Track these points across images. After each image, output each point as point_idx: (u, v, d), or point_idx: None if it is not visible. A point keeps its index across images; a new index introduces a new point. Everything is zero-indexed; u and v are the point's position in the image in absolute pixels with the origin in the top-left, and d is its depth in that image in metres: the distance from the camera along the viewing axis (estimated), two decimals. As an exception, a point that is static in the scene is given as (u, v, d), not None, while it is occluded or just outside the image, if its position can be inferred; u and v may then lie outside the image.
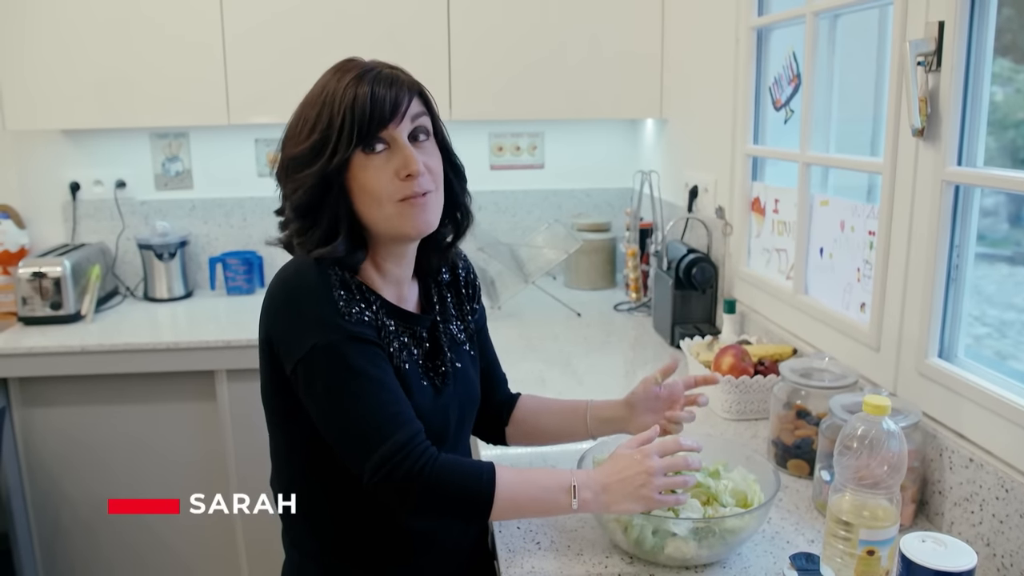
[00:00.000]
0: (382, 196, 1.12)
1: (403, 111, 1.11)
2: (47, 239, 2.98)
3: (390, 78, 1.12)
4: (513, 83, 2.67)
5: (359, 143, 1.10)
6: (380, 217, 1.14)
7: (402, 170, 1.11)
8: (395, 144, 1.12)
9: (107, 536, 2.59)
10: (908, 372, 1.38)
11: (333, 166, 1.10)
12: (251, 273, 3.01)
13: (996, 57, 1.23)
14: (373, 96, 1.09)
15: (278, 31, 2.57)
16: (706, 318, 2.23)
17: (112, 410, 2.52)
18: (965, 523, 1.20)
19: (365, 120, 1.09)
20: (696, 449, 1.18)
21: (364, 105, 1.09)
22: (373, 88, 1.09)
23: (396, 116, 1.11)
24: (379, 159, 1.12)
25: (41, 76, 2.54)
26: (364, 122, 1.09)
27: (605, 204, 3.22)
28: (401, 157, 1.11)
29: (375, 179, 1.11)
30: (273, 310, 1.15)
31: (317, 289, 1.11)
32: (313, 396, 1.11)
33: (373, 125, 1.09)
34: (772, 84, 1.96)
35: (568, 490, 1.12)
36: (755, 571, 1.15)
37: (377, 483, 1.07)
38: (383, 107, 1.09)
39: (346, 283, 1.14)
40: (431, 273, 1.32)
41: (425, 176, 1.13)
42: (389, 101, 1.10)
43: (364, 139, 1.10)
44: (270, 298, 1.15)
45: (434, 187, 1.15)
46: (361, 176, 1.12)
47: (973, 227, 1.29)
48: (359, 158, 1.11)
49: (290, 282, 1.13)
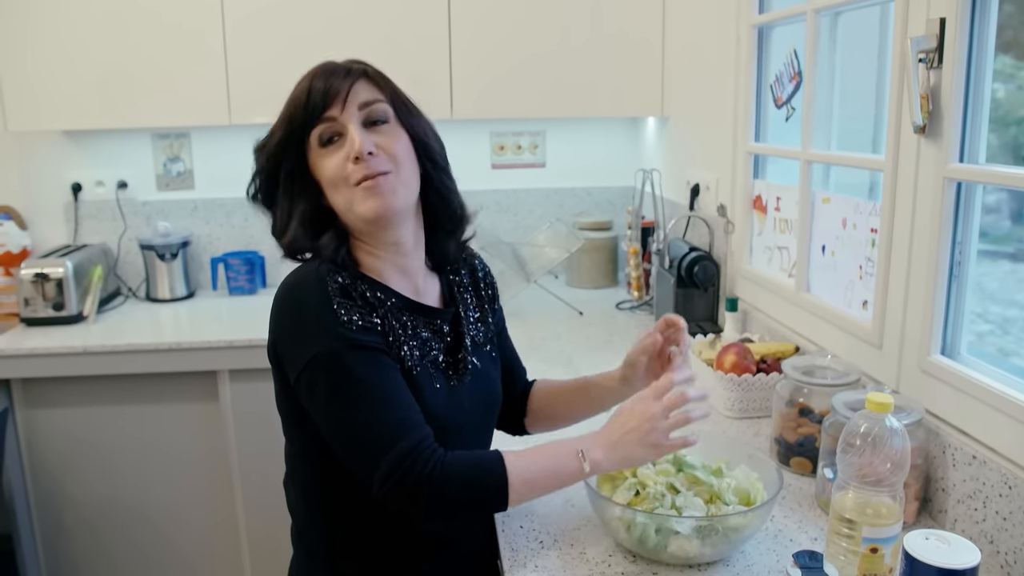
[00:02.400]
0: (337, 181, 1.15)
1: (342, 98, 1.15)
2: (49, 240, 2.99)
3: (329, 71, 1.17)
4: (514, 82, 2.67)
5: (302, 131, 1.16)
6: (342, 203, 1.16)
7: (350, 153, 1.13)
8: (345, 132, 1.15)
9: (110, 536, 2.60)
10: (911, 369, 1.38)
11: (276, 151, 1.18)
12: (253, 273, 3.01)
13: (997, 54, 1.23)
14: (310, 89, 1.15)
15: (279, 30, 2.57)
16: (708, 316, 2.22)
17: (115, 411, 2.52)
18: (968, 520, 1.20)
19: (301, 111, 1.15)
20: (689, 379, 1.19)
21: (301, 98, 1.15)
22: (312, 83, 1.16)
23: (332, 104, 1.14)
24: (333, 148, 1.16)
25: (43, 77, 2.54)
26: (299, 113, 1.15)
27: (607, 203, 3.22)
28: (349, 141, 1.14)
29: (330, 167, 1.15)
30: (276, 320, 1.15)
31: (317, 298, 1.11)
32: (317, 406, 1.12)
33: (308, 115, 1.15)
34: (773, 82, 1.96)
35: (577, 454, 1.12)
36: (758, 569, 1.15)
37: (387, 493, 1.07)
38: (315, 97, 1.15)
39: (346, 290, 1.13)
40: (447, 264, 1.32)
41: (378, 157, 1.15)
42: (321, 91, 1.15)
43: (307, 127, 1.15)
44: (275, 308, 1.16)
45: (392, 168, 1.16)
46: (319, 167, 1.17)
47: (975, 224, 1.29)
48: (316, 151, 1.17)
49: (292, 292, 1.14)
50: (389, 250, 1.21)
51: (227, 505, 2.61)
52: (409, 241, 1.23)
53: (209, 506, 2.61)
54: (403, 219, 1.20)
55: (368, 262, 1.21)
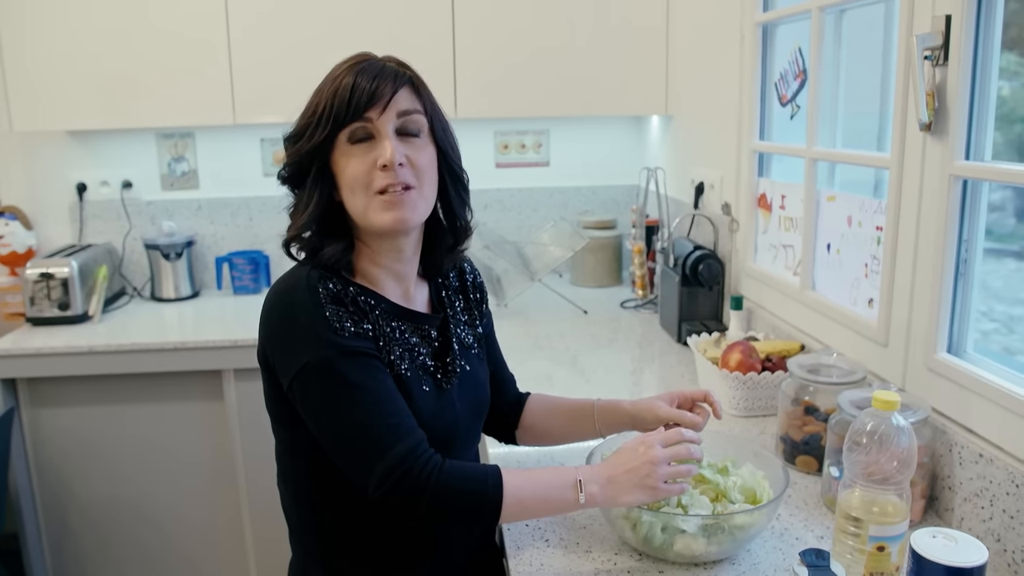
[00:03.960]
0: (357, 185, 1.14)
1: (384, 102, 1.13)
2: (54, 240, 3.00)
3: (376, 69, 1.14)
4: (518, 80, 2.67)
5: (336, 128, 1.13)
6: (357, 207, 1.15)
7: (379, 159, 1.12)
8: (378, 135, 1.13)
9: (116, 535, 2.60)
10: (917, 367, 1.38)
11: (307, 150, 1.14)
12: (257, 272, 3.02)
13: (1003, 51, 1.23)
14: (354, 86, 1.12)
15: (282, 29, 2.57)
16: (713, 315, 2.22)
17: (120, 410, 2.52)
18: (975, 518, 1.20)
19: (343, 107, 1.12)
20: (696, 441, 1.18)
21: (344, 94, 1.12)
22: (356, 79, 1.13)
23: (374, 106, 1.12)
24: (361, 149, 1.14)
25: (47, 77, 2.55)
26: (341, 109, 1.12)
27: (611, 201, 3.22)
28: (379, 147, 1.13)
29: (354, 167, 1.13)
30: (267, 327, 1.15)
31: (308, 305, 1.11)
32: (311, 412, 1.11)
33: (349, 112, 1.12)
34: (778, 80, 1.96)
35: (574, 486, 1.12)
36: (764, 567, 1.15)
37: (383, 496, 1.07)
38: (360, 96, 1.12)
39: (337, 296, 1.13)
40: (439, 274, 1.32)
41: (405, 170, 1.14)
42: (367, 92, 1.12)
43: (340, 125, 1.13)
44: (264, 315, 1.15)
45: (416, 183, 1.15)
46: (342, 163, 1.15)
47: (981, 221, 1.28)
48: (343, 146, 1.14)
49: (282, 299, 1.13)
50: (389, 256, 1.21)
51: (232, 503, 2.61)
52: (409, 249, 1.23)
53: (214, 504, 2.61)
54: (413, 230, 1.21)
55: (364, 266, 1.21)
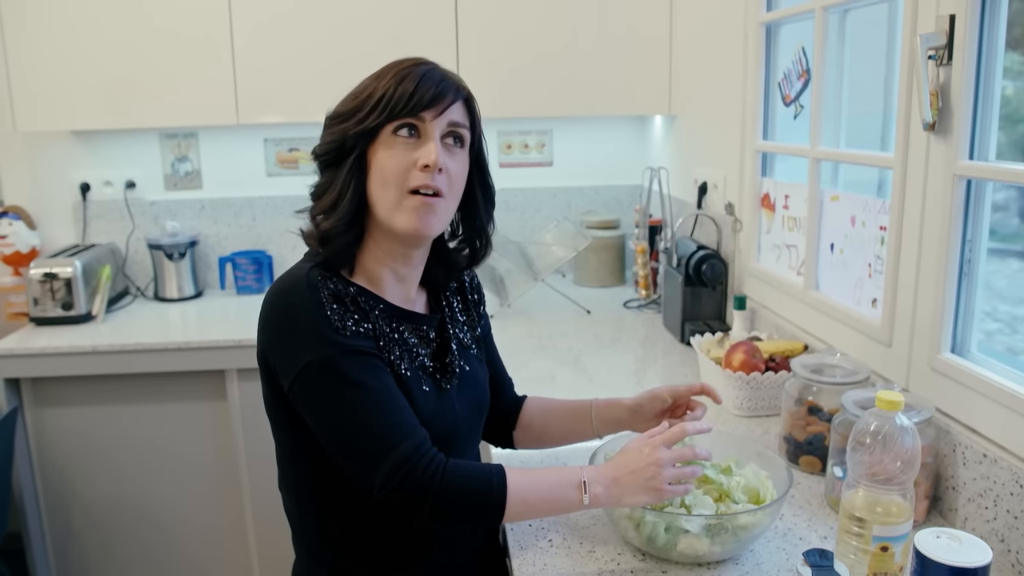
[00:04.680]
0: (391, 179, 1.13)
1: (443, 107, 1.13)
2: (58, 240, 3.00)
3: (440, 77, 1.15)
4: (521, 81, 2.67)
5: (389, 119, 1.12)
6: (384, 201, 1.14)
7: (421, 159, 1.12)
8: (424, 136, 1.13)
9: (119, 536, 2.60)
10: (920, 367, 1.38)
11: (353, 132, 1.13)
12: (261, 272, 3.02)
13: (1007, 51, 1.22)
14: (419, 83, 1.12)
15: (286, 29, 2.57)
16: (716, 315, 2.22)
17: (123, 410, 2.53)
18: (979, 519, 1.20)
19: (403, 100, 1.11)
20: (705, 430, 1.18)
21: (408, 87, 1.12)
22: (421, 80, 1.13)
23: (433, 107, 1.12)
24: (404, 143, 1.13)
25: (51, 78, 2.55)
26: (401, 101, 1.11)
27: (614, 201, 3.22)
28: (424, 148, 1.12)
29: (392, 160, 1.13)
30: (266, 328, 1.15)
31: (309, 304, 1.10)
32: (313, 412, 1.11)
33: (408, 107, 1.11)
34: (781, 79, 1.96)
35: (579, 486, 1.12)
36: (768, 568, 1.15)
37: (387, 495, 1.07)
38: (423, 94, 1.12)
39: (338, 296, 1.13)
40: (439, 286, 1.32)
41: (441, 176, 1.13)
42: (431, 92, 1.12)
43: (394, 116, 1.12)
44: (264, 315, 1.15)
45: (447, 192, 1.15)
46: (381, 153, 1.13)
47: (985, 221, 1.28)
48: (387, 136, 1.13)
49: (283, 298, 1.13)
50: (396, 259, 1.21)
51: (235, 504, 2.61)
52: (417, 257, 1.23)
53: (217, 505, 2.62)
54: (431, 239, 1.21)
55: (368, 265, 1.20)
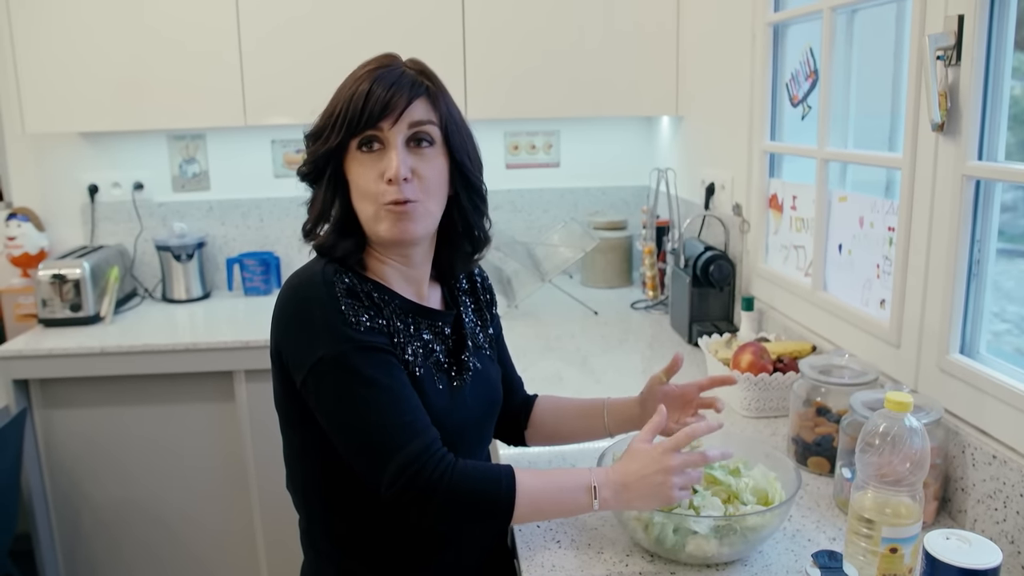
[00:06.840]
0: (366, 195, 1.14)
1: (397, 114, 1.11)
2: (66, 241, 3.01)
3: (394, 78, 1.12)
4: (528, 81, 2.67)
5: (347, 136, 1.12)
6: (365, 215, 1.15)
7: (386, 172, 1.11)
8: (387, 145, 1.12)
9: (127, 537, 2.61)
10: (929, 368, 1.37)
11: (321, 153, 1.14)
12: (268, 274, 3.03)
13: (1016, 51, 1.22)
14: (369, 94, 1.11)
15: (294, 33, 2.58)
16: (724, 316, 2.22)
17: (131, 411, 2.54)
18: (988, 520, 1.19)
19: (356, 115, 1.11)
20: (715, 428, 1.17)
21: (358, 101, 1.11)
22: (372, 86, 1.11)
23: (386, 117, 1.11)
24: (371, 158, 1.13)
25: (59, 79, 2.57)
26: (354, 117, 1.11)
27: (621, 202, 3.21)
28: (386, 159, 1.12)
29: (363, 177, 1.13)
30: (281, 321, 1.15)
31: (323, 299, 1.10)
32: (324, 408, 1.11)
33: (361, 122, 1.11)
34: (789, 80, 1.95)
35: (588, 490, 1.12)
36: (776, 569, 1.15)
37: (395, 494, 1.07)
38: (374, 106, 1.10)
39: (353, 291, 1.13)
40: (452, 276, 1.32)
41: (410, 184, 1.12)
42: (381, 102, 1.10)
43: (352, 133, 1.12)
44: (278, 309, 1.15)
45: (421, 196, 1.14)
46: (353, 171, 1.14)
47: (994, 222, 1.28)
48: (354, 153, 1.14)
49: (297, 293, 1.13)
50: (398, 261, 1.21)
51: (243, 505, 2.62)
52: (419, 256, 1.23)
53: (225, 506, 2.62)
54: (419, 241, 1.20)
55: (375, 266, 1.21)
